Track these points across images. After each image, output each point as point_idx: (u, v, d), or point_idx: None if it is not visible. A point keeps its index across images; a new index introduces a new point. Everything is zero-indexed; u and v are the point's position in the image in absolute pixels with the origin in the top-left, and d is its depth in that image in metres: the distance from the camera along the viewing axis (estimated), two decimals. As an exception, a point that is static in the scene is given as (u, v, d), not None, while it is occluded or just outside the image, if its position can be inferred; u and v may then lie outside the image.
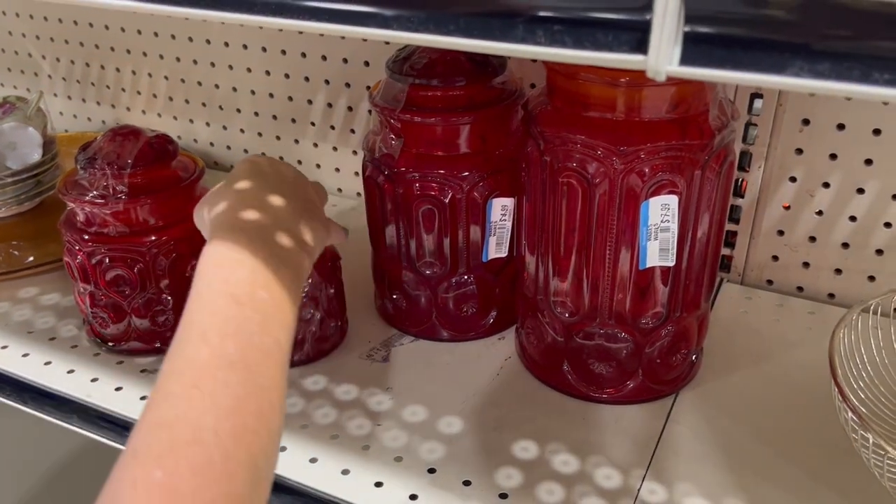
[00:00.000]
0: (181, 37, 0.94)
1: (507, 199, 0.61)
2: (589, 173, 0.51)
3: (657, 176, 0.50)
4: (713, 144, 0.50)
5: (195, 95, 0.97)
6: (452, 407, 0.59)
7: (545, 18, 0.30)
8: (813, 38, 0.25)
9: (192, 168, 0.65)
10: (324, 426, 0.58)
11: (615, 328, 0.56)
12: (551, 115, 0.53)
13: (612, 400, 0.59)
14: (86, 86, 1.06)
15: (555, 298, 0.57)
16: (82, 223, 0.62)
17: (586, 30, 0.29)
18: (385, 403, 0.60)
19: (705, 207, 0.52)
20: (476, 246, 0.63)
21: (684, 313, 0.56)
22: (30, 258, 0.80)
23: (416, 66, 0.58)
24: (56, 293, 0.75)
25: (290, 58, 0.87)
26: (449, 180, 0.60)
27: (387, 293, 0.68)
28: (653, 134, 0.49)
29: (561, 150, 0.52)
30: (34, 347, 0.67)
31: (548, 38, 0.30)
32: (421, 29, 0.32)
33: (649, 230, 0.51)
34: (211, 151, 1.01)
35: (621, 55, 0.29)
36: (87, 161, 0.61)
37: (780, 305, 0.70)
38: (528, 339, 0.62)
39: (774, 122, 0.66)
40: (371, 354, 0.65)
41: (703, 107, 0.51)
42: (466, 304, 0.65)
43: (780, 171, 0.67)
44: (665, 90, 0.49)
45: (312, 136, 0.91)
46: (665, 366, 0.58)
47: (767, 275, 0.73)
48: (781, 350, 0.64)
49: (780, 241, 0.70)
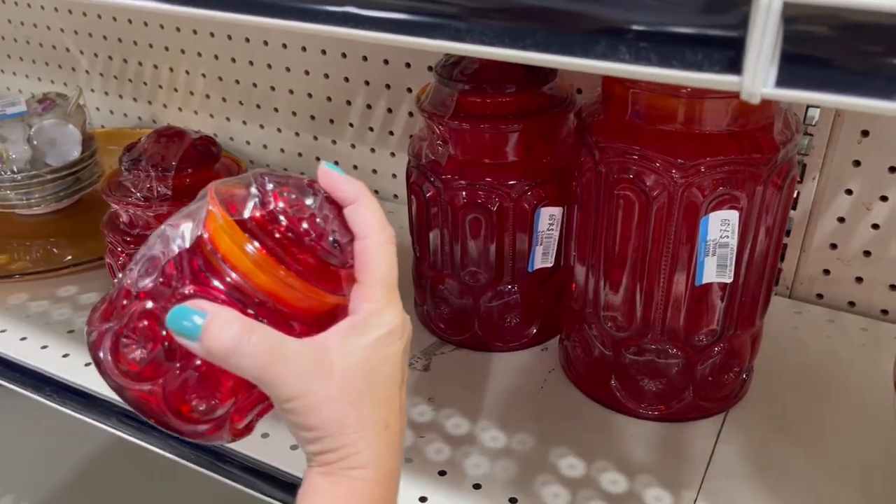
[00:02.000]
0: (220, 34, 0.93)
1: (556, 209, 0.60)
2: (646, 186, 0.49)
3: (717, 190, 0.48)
4: (776, 159, 0.49)
5: (232, 94, 0.97)
6: (496, 420, 0.58)
7: (630, 33, 0.29)
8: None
9: (235, 170, 0.65)
10: (366, 436, 0.57)
11: (667, 344, 0.54)
12: (607, 124, 0.51)
13: (660, 417, 0.57)
14: (123, 82, 1.06)
15: (605, 312, 0.55)
16: (125, 225, 0.62)
17: (674, 47, 0.28)
18: (427, 414, 0.59)
19: (765, 223, 0.51)
20: (522, 255, 0.61)
21: (738, 330, 0.55)
22: (68, 256, 0.80)
23: (467, 72, 0.57)
24: (95, 292, 0.75)
25: (330, 58, 0.86)
26: (497, 188, 0.58)
27: (428, 300, 0.67)
28: (713, 147, 0.48)
29: (617, 161, 0.50)
30: (75, 348, 0.67)
31: (632, 55, 0.29)
32: (496, 42, 0.31)
33: (707, 245, 0.50)
34: (247, 150, 1.01)
35: (712, 75, 0.27)
36: (131, 162, 0.61)
37: (831, 321, 0.68)
38: (573, 351, 0.61)
39: (832, 133, 0.64)
40: (411, 363, 0.64)
41: (767, 120, 0.49)
42: (510, 313, 0.64)
43: (835, 182, 0.65)
44: (727, 102, 0.47)
45: (350, 137, 0.90)
46: (716, 384, 0.56)
47: (818, 289, 0.71)
48: (834, 368, 0.63)
49: (832, 254, 0.68)
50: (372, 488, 0.35)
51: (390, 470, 0.36)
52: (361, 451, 0.34)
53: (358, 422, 0.34)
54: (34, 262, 0.79)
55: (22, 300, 0.74)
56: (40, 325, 0.70)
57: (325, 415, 0.34)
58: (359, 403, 0.34)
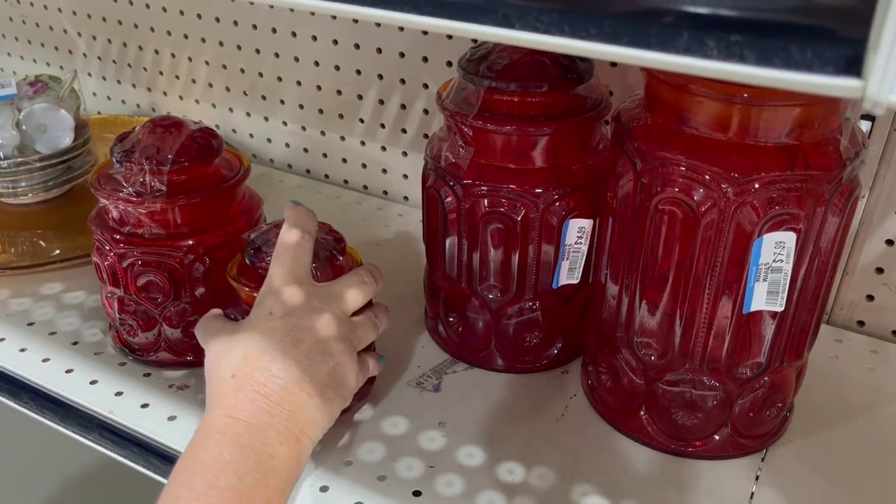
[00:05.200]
0: (226, 20, 0.88)
1: (585, 221, 0.55)
2: (694, 201, 0.44)
3: (774, 210, 0.43)
4: (841, 177, 0.44)
5: (237, 83, 0.92)
6: (513, 450, 0.53)
7: (720, 23, 0.23)
8: None
9: (237, 166, 0.59)
10: (370, 464, 0.52)
11: (706, 375, 0.49)
12: (650, 130, 0.46)
13: (694, 454, 0.52)
14: (122, 67, 1.00)
15: (639, 339, 0.50)
16: (115, 221, 0.57)
17: (775, 42, 0.23)
18: (437, 441, 0.54)
19: (823, 247, 0.46)
20: (546, 270, 0.56)
21: (785, 363, 0.50)
22: (56, 250, 0.74)
23: (495, 68, 0.52)
24: (82, 291, 0.70)
25: (342, 48, 0.81)
26: (522, 196, 0.53)
27: (440, 314, 0.62)
28: (771, 161, 0.43)
29: (661, 171, 0.45)
30: (56, 352, 0.62)
31: (721, 51, 0.24)
32: (552, 30, 0.26)
33: (759, 270, 0.45)
34: (250, 143, 0.95)
35: (824, 78, 0.22)
36: (123, 154, 0.55)
37: (875, 351, 0.63)
38: (598, 377, 0.56)
39: (885, 149, 0.59)
40: (421, 382, 0.59)
41: (832, 132, 0.44)
42: (530, 332, 0.59)
43: (886, 202, 0.60)
44: (789, 111, 0.42)
45: (360, 133, 0.85)
46: (757, 420, 0.51)
47: (859, 315, 0.66)
48: (879, 402, 0.58)
49: (878, 279, 0.63)
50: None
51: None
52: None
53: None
54: (19, 255, 0.74)
55: (3, 297, 0.69)
56: (20, 326, 0.65)
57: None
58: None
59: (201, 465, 0.41)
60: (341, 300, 0.50)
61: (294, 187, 0.90)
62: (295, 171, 0.94)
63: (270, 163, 0.95)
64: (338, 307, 0.49)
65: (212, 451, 0.42)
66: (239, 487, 0.41)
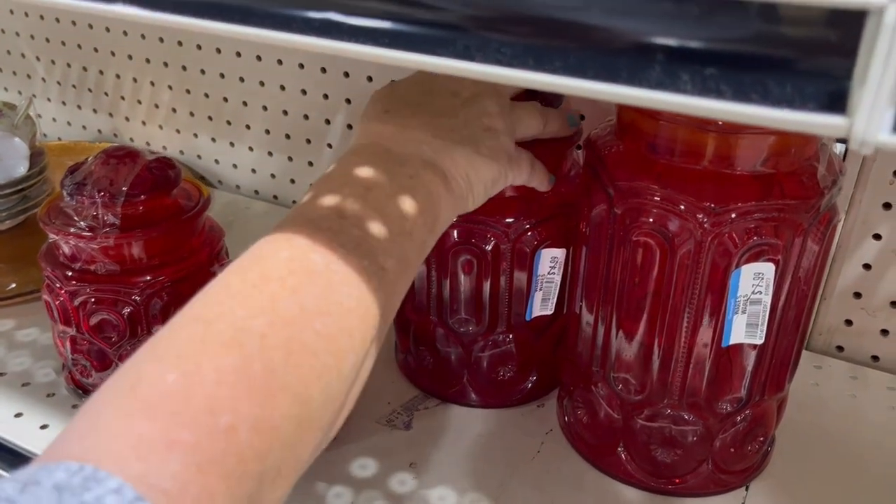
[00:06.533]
0: (189, 44, 0.86)
1: (558, 251, 0.53)
2: (669, 231, 0.43)
3: (751, 240, 0.42)
4: (819, 205, 0.42)
5: (201, 108, 0.89)
6: (488, 490, 0.51)
7: (693, 56, 0.22)
8: None
9: (196, 197, 0.57)
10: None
11: (685, 410, 0.48)
12: (623, 158, 0.45)
13: (675, 491, 0.50)
14: (82, 92, 0.98)
15: (616, 373, 0.48)
16: (66, 258, 0.54)
17: (753, 75, 0.21)
18: (408, 483, 0.51)
19: (804, 276, 0.44)
20: (519, 301, 0.54)
21: (765, 396, 0.48)
22: (11, 284, 0.71)
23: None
24: (35, 328, 0.67)
25: (309, 73, 0.79)
26: (492, 227, 0.52)
27: (410, 347, 0.60)
28: (748, 190, 0.41)
29: (635, 201, 0.44)
30: (4, 394, 0.58)
31: (696, 85, 0.22)
32: (515, 63, 0.24)
33: (738, 302, 0.43)
34: (215, 169, 0.93)
35: (805, 115, 0.20)
36: (74, 186, 0.53)
37: (855, 378, 0.62)
38: (574, 412, 0.54)
39: (861, 173, 0.58)
40: (391, 420, 0.57)
41: (808, 160, 0.43)
42: (503, 366, 0.57)
43: (862, 226, 0.60)
44: (764, 139, 0.41)
45: (328, 158, 0.83)
46: (738, 455, 0.50)
47: (838, 340, 0.65)
48: (861, 432, 0.56)
49: (856, 303, 0.62)
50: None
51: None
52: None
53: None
54: (-31, 289, 0.71)
55: (-49, 335, 0.65)
56: (-32, 366, 0.62)
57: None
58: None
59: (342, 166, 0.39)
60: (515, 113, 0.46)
61: (261, 213, 0.88)
62: (262, 198, 0.91)
63: (237, 189, 0.93)
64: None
65: (350, 160, 0.39)
66: (366, 196, 0.36)
